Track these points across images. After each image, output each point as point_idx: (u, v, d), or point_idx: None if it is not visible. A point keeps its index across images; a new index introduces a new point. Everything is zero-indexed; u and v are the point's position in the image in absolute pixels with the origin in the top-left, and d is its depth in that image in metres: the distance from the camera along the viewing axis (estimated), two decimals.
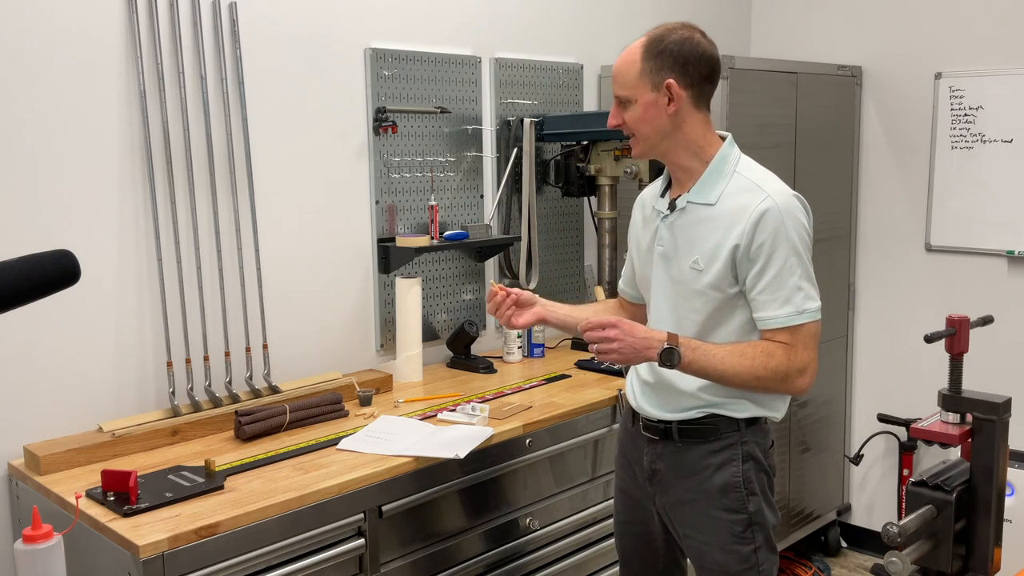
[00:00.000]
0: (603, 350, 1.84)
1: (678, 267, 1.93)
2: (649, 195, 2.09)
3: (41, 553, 1.52)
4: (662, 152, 1.94)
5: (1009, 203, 3.36)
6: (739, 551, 1.94)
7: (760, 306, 1.86)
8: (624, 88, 1.90)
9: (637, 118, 1.90)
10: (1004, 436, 2.07)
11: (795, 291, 1.84)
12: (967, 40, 3.43)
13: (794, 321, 1.84)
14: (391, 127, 2.72)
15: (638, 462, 2.05)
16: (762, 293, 1.85)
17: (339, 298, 2.71)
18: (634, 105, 1.90)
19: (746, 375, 1.84)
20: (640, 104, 1.89)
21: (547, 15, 3.20)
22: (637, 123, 1.91)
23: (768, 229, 1.82)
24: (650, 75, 1.87)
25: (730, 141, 1.95)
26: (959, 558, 2.07)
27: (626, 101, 1.91)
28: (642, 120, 1.90)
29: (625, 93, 1.90)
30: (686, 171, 1.94)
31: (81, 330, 2.20)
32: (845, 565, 3.81)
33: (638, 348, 1.83)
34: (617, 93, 1.92)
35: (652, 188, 2.09)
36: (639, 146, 1.95)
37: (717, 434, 1.93)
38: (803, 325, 1.85)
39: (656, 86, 1.87)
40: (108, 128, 2.21)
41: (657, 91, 1.87)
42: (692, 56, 1.87)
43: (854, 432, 3.88)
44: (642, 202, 2.10)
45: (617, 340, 1.83)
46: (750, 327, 1.90)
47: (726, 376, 1.85)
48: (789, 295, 1.84)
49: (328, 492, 1.96)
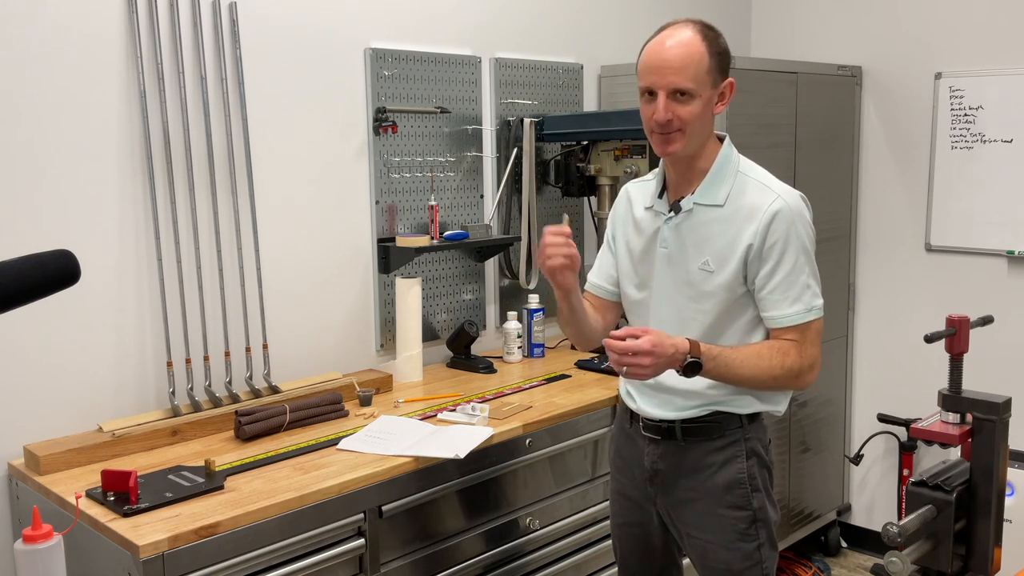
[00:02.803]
0: (633, 373, 1.76)
1: (685, 269, 1.91)
2: (638, 192, 2.04)
3: (41, 553, 1.52)
4: (693, 151, 1.89)
5: (1009, 203, 3.36)
6: (743, 548, 1.94)
7: (771, 305, 1.86)
8: (691, 80, 1.80)
9: (696, 114, 1.82)
10: (1004, 436, 2.07)
11: (804, 289, 1.86)
12: (967, 40, 3.43)
13: (804, 319, 1.86)
14: (391, 127, 2.72)
15: (638, 463, 2.04)
16: (773, 292, 1.85)
17: (339, 298, 2.71)
18: (695, 100, 1.81)
19: (764, 376, 1.85)
20: (701, 100, 1.82)
21: (547, 15, 3.20)
22: (694, 119, 1.82)
23: (780, 229, 1.83)
24: (715, 72, 1.83)
25: (729, 142, 1.94)
26: (959, 558, 2.07)
27: (688, 94, 1.81)
28: (699, 117, 1.83)
29: (691, 86, 1.80)
30: (696, 172, 1.91)
31: (81, 330, 2.20)
32: (845, 565, 3.81)
33: (664, 365, 1.77)
34: (682, 85, 1.80)
35: (642, 186, 2.05)
36: (680, 143, 1.85)
37: (720, 431, 1.93)
38: (812, 322, 1.87)
39: (716, 84, 1.84)
40: (108, 128, 2.21)
41: (714, 89, 1.84)
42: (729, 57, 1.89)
43: (854, 432, 3.88)
44: (629, 198, 2.05)
45: (652, 367, 1.75)
46: (754, 325, 1.90)
47: (744, 379, 1.85)
48: (799, 293, 1.85)
49: (328, 492, 1.96)
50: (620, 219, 2.07)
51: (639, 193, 2.04)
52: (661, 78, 1.81)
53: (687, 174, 1.92)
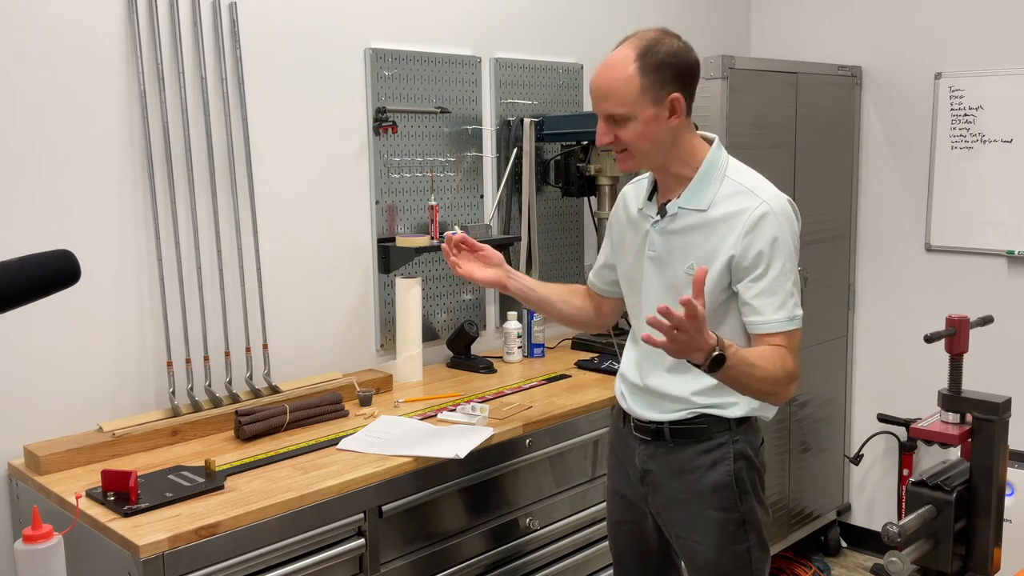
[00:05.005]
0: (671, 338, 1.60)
1: (673, 272, 1.91)
2: (633, 193, 2.04)
3: (41, 553, 1.52)
4: (656, 164, 1.89)
5: (1009, 203, 3.36)
6: (732, 550, 1.94)
7: (755, 310, 1.83)
8: (621, 106, 1.79)
9: (637, 134, 1.81)
10: (1004, 436, 2.08)
11: (788, 297, 1.83)
12: (967, 40, 3.43)
13: (787, 327, 1.83)
14: (391, 127, 2.72)
15: (630, 463, 2.05)
16: (757, 297, 1.82)
17: (339, 298, 2.71)
18: (632, 122, 1.80)
19: (771, 378, 1.77)
20: (640, 121, 1.79)
21: (547, 15, 3.20)
22: (636, 140, 1.82)
23: (766, 235, 1.81)
24: (651, 90, 1.78)
25: (718, 144, 1.91)
26: (959, 558, 2.07)
27: (623, 119, 1.81)
28: (642, 136, 1.81)
29: (623, 111, 1.79)
30: (677, 178, 1.90)
31: (81, 330, 2.20)
32: (845, 565, 3.81)
33: (694, 347, 1.63)
34: (611, 111, 1.81)
35: (638, 187, 2.05)
36: (631, 161, 1.86)
37: (708, 434, 1.93)
38: (795, 331, 1.84)
39: (658, 100, 1.79)
40: (108, 128, 2.21)
41: (659, 105, 1.79)
42: (686, 66, 1.82)
43: (854, 432, 3.88)
44: (625, 199, 2.06)
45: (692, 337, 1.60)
46: (740, 330, 1.89)
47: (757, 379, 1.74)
48: (784, 300, 1.82)
49: (328, 492, 1.96)
50: (618, 221, 2.08)
51: (634, 194, 2.05)
52: (597, 104, 1.85)
53: (667, 180, 1.92)
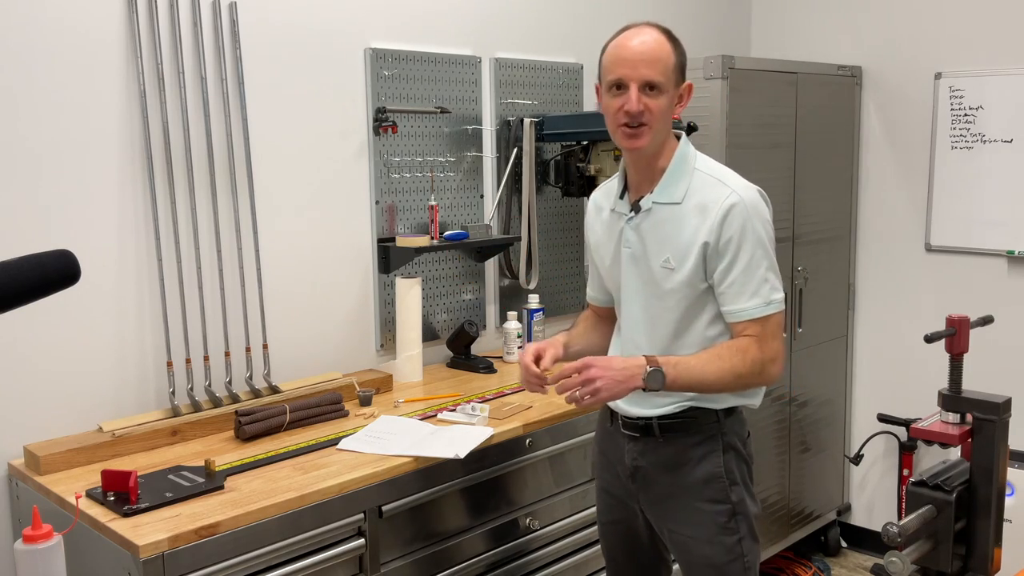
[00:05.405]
0: (588, 392, 1.78)
1: (648, 268, 1.93)
2: (603, 197, 2.07)
3: (41, 553, 1.52)
4: (656, 149, 1.90)
5: (1009, 203, 3.36)
6: (724, 542, 1.95)
7: (729, 299, 1.87)
8: (661, 75, 1.82)
9: (663, 109, 1.84)
10: (1004, 436, 2.08)
11: (762, 283, 1.86)
12: (967, 40, 3.43)
13: (763, 312, 1.86)
14: (391, 127, 2.72)
15: (619, 460, 2.06)
16: (731, 286, 1.86)
17: (339, 298, 2.71)
18: (663, 95, 1.83)
19: (728, 376, 1.85)
20: (667, 96, 1.85)
21: (547, 15, 3.20)
22: (661, 114, 1.84)
23: (735, 224, 1.84)
24: (677, 72, 1.87)
25: (686, 139, 1.95)
26: (959, 558, 2.07)
27: (657, 88, 1.83)
28: (665, 112, 1.86)
29: (661, 80, 1.82)
30: (654, 171, 1.93)
31: (81, 330, 2.20)
32: (845, 565, 3.81)
33: (620, 380, 1.79)
34: (653, 78, 1.82)
35: (605, 189, 2.07)
36: (647, 137, 1.85)
37: (697, 426, 1.95)
38: (771, 316, 1.87)
39: (679, 84, 1.88)
40: (108, 128, 2.21)
41: (678, 88, 1.88)
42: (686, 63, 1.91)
43: (854, 432, 3.88)
44: (596, 205, 2.09)
45: (599, 378, 1.78)
46: (718, 321, 1.92)
47: (708, 382, 1.85)
48: (757, 287, 1.86)
49: (328, 492, 1.96)
50: (590, 227, 2.11)
51: (604, 197, 2.07)
52: (633, 70, 1.83)
53: (647, 173, 1.94)
